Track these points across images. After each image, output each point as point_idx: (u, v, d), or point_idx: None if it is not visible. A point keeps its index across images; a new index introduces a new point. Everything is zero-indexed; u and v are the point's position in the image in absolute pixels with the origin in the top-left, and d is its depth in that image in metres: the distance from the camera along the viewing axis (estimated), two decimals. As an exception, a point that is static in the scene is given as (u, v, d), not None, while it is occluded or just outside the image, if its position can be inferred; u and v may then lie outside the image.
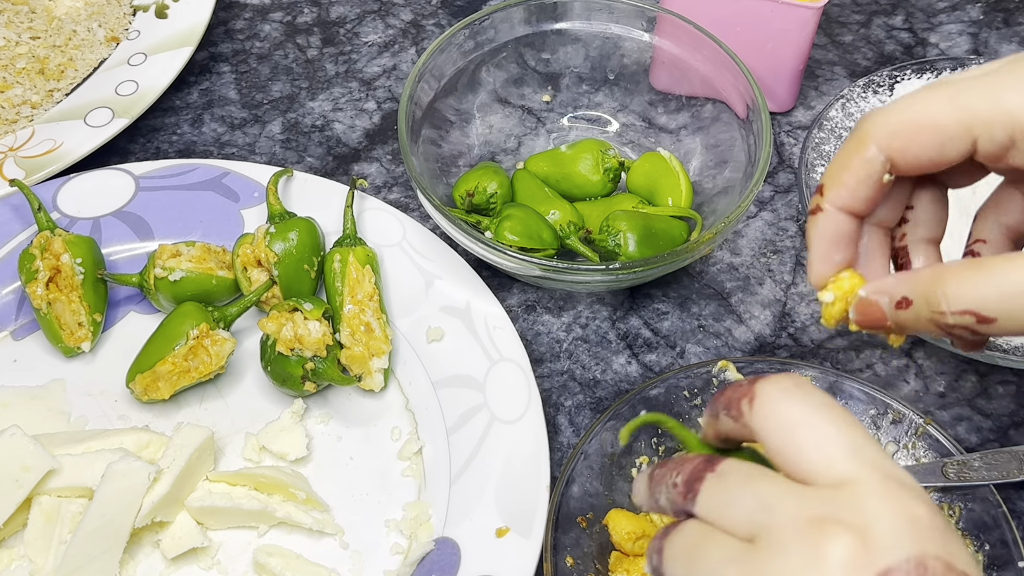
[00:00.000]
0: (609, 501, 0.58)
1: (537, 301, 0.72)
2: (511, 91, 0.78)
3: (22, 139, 0.76)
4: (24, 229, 0.71)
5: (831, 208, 0.40)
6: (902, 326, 0.39)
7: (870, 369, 0.68)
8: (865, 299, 0.39)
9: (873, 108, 0.43)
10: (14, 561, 0.58)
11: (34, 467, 0.56)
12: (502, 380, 0.63)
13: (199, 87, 0.85)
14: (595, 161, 0.73)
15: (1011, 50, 0.88)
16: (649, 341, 0.70)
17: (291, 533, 0.60)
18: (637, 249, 0.66)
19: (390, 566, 0.59)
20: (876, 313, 0.39)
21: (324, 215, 0.70)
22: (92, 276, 0.66)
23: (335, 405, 0.66)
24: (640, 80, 0.78)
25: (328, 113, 0.84)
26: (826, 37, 0.89)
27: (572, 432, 0.66)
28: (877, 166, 0.39)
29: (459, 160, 0.75)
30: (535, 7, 0.75)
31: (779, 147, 0.81)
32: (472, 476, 0.60)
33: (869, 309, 0.39)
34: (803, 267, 0.74)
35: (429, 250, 0.70)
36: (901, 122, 0.38)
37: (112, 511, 0.56)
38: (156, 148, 0.81)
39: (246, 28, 0.90)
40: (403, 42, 0.89)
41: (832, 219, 0.40)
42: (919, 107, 0.38)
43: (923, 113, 0.37)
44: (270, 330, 0.63)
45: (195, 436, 0.59)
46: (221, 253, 0.69)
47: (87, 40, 0.84)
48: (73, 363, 0.67)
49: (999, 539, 0.55)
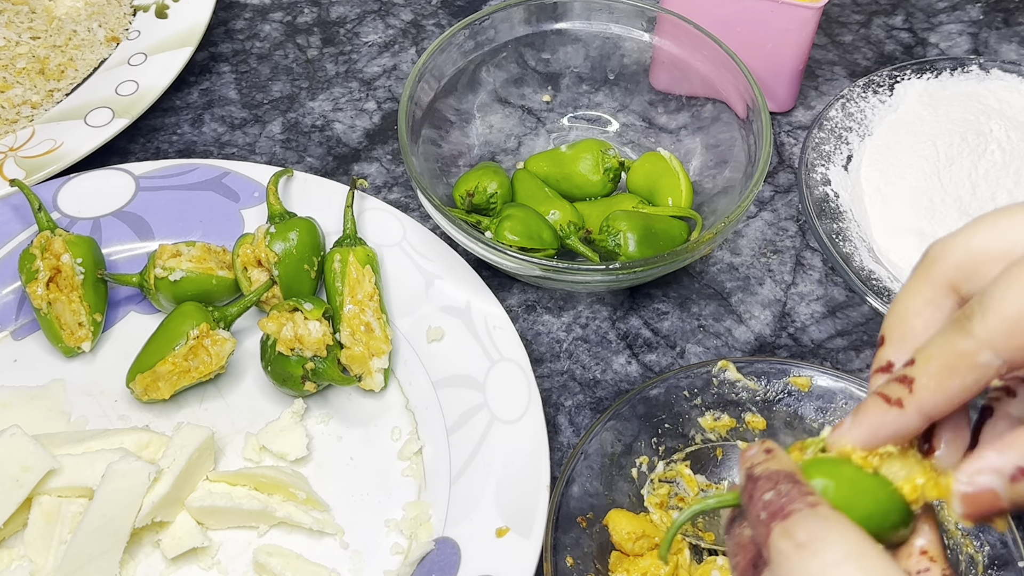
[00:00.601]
0: (609, 501, 0.58)
1: (537, 301, 0.72)
2: (511, 91, 0.78)
3: (22, 139, 0.76)
4: (24, 229, 0.71)
5: (916, 411, 0.33)
6: (1020, 503, 0.32)
7: (870, 369, 0.68)
8: (971, 492, 0.32)
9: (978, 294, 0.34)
10: (14, 561, 0.58)
11: (34, 467, 0.56)
12: (502, 380, 0.63)
13: (199, 87, 0.85)
14: (595, 161, 0.73)
15: (1011, 50, 0.88)
16: (649, 341, 0.70)
17: (291, 533, 0.60)
18: (637, 249, 0.66)
19: (390, 566, 0.59)
20: (990, 499, 0.32)
21: (324, 215, 0.70)
22: (92, 276, 0.66)
23: (335, 405, 0.66)
24: (640, 80, 0.78)
25: (328, 113, 0.84)
26: (826, 37, 0.89)
27: (572, 432, 0.66)
28: (991, 371, 0.32)
29: (459, 160, 0.75)
30: (535, 7, 0.75)
31: (779, 147, 0.81)
32: (472, 476, 0.60)
33: (981, 499, 0.32)
34: (803, 267, 0.74)
35: (429, 250, 0.70)
36: (1018, 319, 0.31)
37: (112, 511, 0.56)
38: (156, 148, 0.81)
39: (246, 28, 0.90)
40: (403, 42, 0.89)
41: (911, 421, 0.34)
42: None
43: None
44: (270, 330, 0.63)
45: (195, 436, 0.59)
46: (221, 253, 0.69)
47: (87, 40, 0.84)
48: (73, 363, 0.67)
49: (999, 539, 0.55)
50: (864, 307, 0.72)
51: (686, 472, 0.60)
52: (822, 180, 0.72)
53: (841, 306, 0.72)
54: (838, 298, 0.72)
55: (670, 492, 0.60)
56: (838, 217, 0.71)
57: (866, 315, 0.71)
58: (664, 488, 0.60)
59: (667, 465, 0.60)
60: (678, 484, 0.60)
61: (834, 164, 0.74)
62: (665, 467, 0.60)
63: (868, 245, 0.70)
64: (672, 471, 0.60)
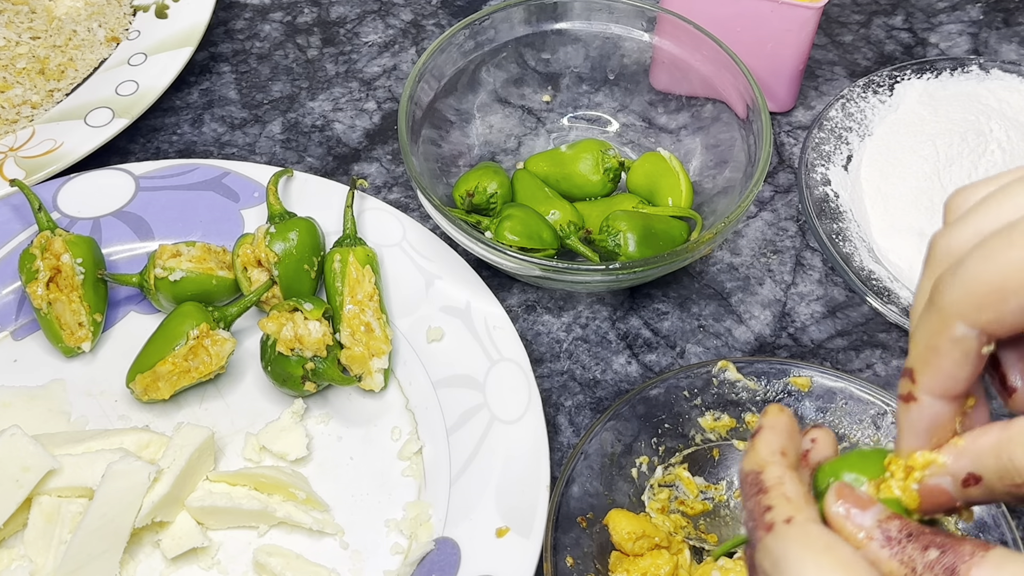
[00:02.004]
0: (609, 501, 0.58)
1: (537, 301, 0.72)
2: (511, 91, 0.78)
3: (22, 139, 0.76)
4: (24, 229, 0.71)
5: (927, 397, 0.34)
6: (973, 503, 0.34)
7: (870, 369, 0.68)
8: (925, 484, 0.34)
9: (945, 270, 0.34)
10: (14, 561, 0.58)
11: (34, 467, 0.56)
12: (502, 380, 0.63)
13: (199, 87, 0.85)
14: (595, 161, 0.73)
15: (1011, 50, 0.88)
16: (649, 341, 0.70)
17: (291, 533, 0.60)
18: (637, 249, 0.66)
19: (390, 566, 0.59)
20: (941, 498, 0.34)
21: (324, 215, 0.70)
22: (92, 276, 0.66)
23: (335, 405, 0.66)
24: (640, 80, 0.78)
25: (328, 113, 0.84)
26: (826, 37, 0.89)
27: (572, 432, 0.66)
28: (972, 343, 0.32)
29: (459, 160, 0.75)
30: (535, 7, 0.75)
31: (779, 147, 0.81)
32: (472, 476, 0.60)
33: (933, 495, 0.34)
34: (803, 267, 0.74)
35: (429, 250, 0.70)
36: (984, 291, 0.32)
37: (112, 511, 0.56)
38: (156, 148, 0.81)
39: (246, 28, 0.90)
40: (403, 42, 0.89)
41: (928, 409, 0.34)
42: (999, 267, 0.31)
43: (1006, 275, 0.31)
44: (270, 330, 0.63)
45: (195, 436, 0.59)
46: (221, 253, 0.69)
47: (87, 40, 0.84)
48: (73, 363, 0.67)
49: (999, 539, 0.55)
50: (864, 307, 0.72)
51: (684, 475, 0.60)
52: (822, 180, 0.73)
53: (841, 306, 0.72)
54: (838, 298, 0.72)
55: (670, 496, 0.60)
56: (838, 217, 0.71)
57: (866, 315, 0.71)
58: (664, 492, 0.60)
59: (665, 469, 0.60)
60: (677, 487, 0.60)
61: (834, 164, 0.74)
62: (664, 472, 0.60)
63: (868, 245, 0.70)
64: (671, 475, 0.60)
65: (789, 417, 0.37)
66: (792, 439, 0.36)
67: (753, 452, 0.36)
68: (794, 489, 0.34)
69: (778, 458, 0.35)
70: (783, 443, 0.36)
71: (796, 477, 0.35)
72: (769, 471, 0.35)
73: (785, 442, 0.36)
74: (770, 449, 0.36)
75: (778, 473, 0.35)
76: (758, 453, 0.36)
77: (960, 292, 0.32)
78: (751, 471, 0.35)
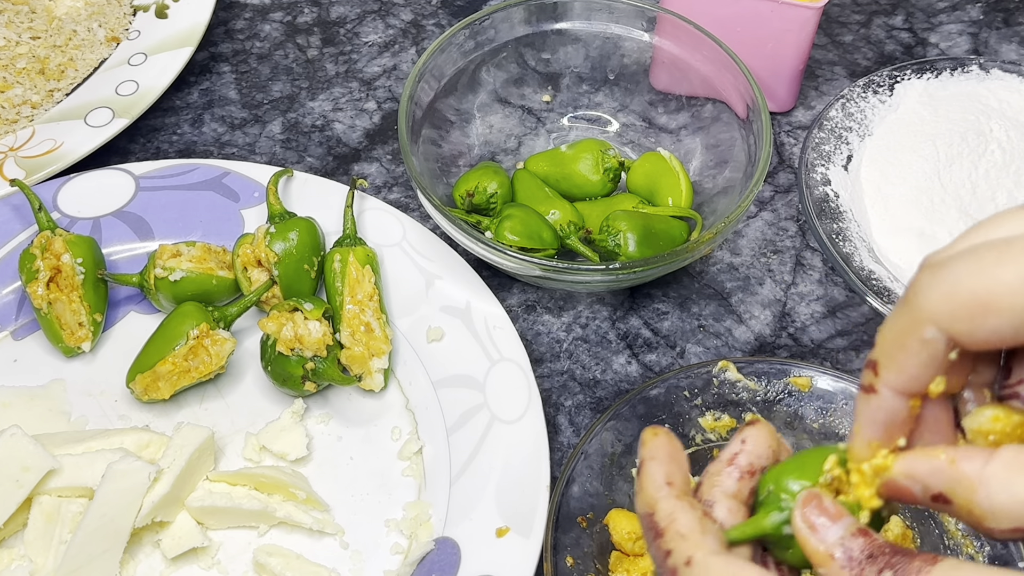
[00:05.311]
0: (609, 501, 0.58)
1: (537, 301, 0.72)
2: (511, 91, 0.78)
3: (22, 139, 0.76)
4: (24, 229, 0.71)
5: (887, 391, 0.34)
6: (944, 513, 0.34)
7: (870, 369, 0.68)
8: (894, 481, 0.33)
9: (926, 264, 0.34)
10: (14, 561, 0.58)
11: (34, 467, 0.56)
12: (502, 380, 0.63)
13: (199, 87, 0.86)
14: (595, 161, 0.73)
15: (1011, 50, 0.88)
16: (649, 341, 0.70)
17: (291, 533, 0.60)
18: (637, 249, 0.66)
19: (390, 566, 0.59)
20: (907, 495, 0.34)
21: (324, 215, 0.70)
22: (92, 276, 0.66)
23: (335, 405, 0.66)
24: (640, 80, 0.78)
25: (328, 113, 0.84)
26: (826, 37, 0.89)
27: (572, 432, 0.66)
28: (939, 346, 0.32)
29: (459, 160, 0.75)
30: (535, 7, 0.75)
31: (779, 147, 0.81)
32: (472, 476, 0.60)
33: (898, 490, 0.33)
34: (803, 267, 0.74)
35: (429, 250, 0.70)
36: (964, 301, 0.31)
37: (112, 511, 0.56)
38: (156, 148, 0.81)
39: (246, 28, 0.90)
40: (403, 42, 0.89)
41: (887, 403, 0.34)
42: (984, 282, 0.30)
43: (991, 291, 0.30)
44: (270, 330, 0.63)
45: (195, 436, 0.59)
46: (221, 253, 0.69)
47: (87, 40, 0.84)
48: (73, 363, 0.67)
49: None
50: (864, 307, 0.72)
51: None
52: (822, 180, 0.72)
53: (841, 306, 0.72)
54: (838, 298, 0.72)
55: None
56: (838, 217, 0.71)
57: (866, 315, 0.71)
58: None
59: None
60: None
61: (834, 164, 0.74)
62: None
63: (868, 245, 0.70)
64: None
65: (666, 437, 0.36)
66: (675, 462, 0.36)
67: (641, 492, 0.35)
68: (687, 523, 0.34)
69: (665, 491, 0.35)
70: (666, 471, 0.35)
71: (688, 504, 0.34)
72: (660, 509, 0.34)
73: (668, 469, 0.35)
74: (654, 484, 0.35)
75: (668, 509, 0.34)
76: (645, 491, 0.35)
77: (938, 296, 0.31)
78: (644, 513, 0.35)
